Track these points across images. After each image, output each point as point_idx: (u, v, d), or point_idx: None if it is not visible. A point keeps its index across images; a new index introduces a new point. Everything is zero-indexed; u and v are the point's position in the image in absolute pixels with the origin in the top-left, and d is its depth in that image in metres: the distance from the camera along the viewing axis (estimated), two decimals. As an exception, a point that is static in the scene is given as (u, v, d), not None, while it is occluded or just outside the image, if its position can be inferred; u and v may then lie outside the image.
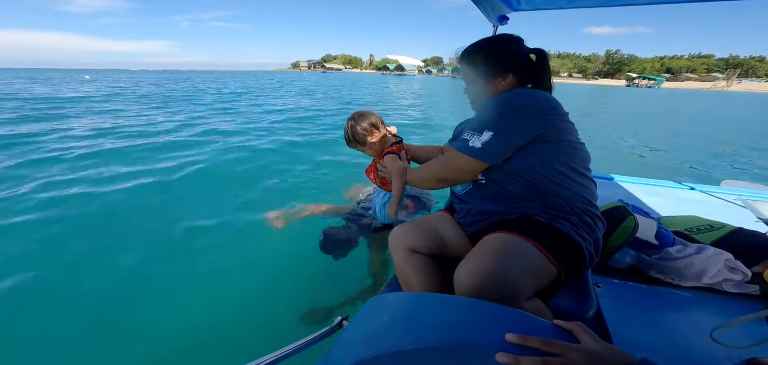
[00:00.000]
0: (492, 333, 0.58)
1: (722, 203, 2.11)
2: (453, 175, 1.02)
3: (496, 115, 0.91)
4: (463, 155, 0.95)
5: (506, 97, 0.92)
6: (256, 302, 1.87)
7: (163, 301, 1.88)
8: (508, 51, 1.01)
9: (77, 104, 10.79)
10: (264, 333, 1.63)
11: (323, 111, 10.71)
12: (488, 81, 1.01)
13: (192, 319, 1.73)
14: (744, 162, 5.72)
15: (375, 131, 1.42)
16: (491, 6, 1.82)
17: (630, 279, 1.17)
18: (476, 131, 0.93)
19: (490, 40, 1.06)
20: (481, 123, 0.93)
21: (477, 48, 1.04)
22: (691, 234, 1.30)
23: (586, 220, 0.92)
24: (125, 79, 33.10)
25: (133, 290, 1.95)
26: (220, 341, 1.60)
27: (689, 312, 1.03)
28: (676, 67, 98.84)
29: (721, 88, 75.03)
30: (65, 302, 1.84)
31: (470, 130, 0.96)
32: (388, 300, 0.73)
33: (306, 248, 2.27)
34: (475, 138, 0.93)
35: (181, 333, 1.65)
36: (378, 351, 0.57)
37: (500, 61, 1.00)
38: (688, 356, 0.87)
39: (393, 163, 1.35)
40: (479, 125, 0.94)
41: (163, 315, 1.78)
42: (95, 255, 2.25)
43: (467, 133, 0.96)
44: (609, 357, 0.53)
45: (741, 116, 14.76)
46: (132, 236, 2.51)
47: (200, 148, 5.17)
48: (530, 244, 0.83)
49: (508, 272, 0.76)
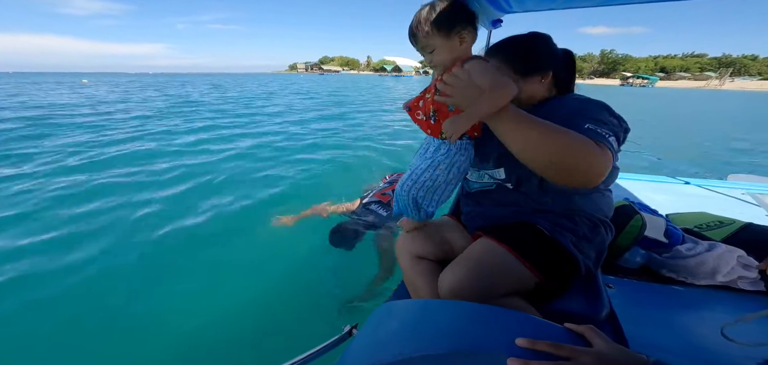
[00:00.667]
0: (502, 337, 0.58)
1: (730, 198, 2.07)
2: (581, 164, 0.70)
3: (609, 116, 0.80)
4: (606, 150, 0.73)
5: (597, 102, 0.83)
6: (264, 306, 1.86)
7: (171, 307, 1.86)
8: (549, 48, 0.95)
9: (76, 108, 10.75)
10: (273, 338, 1.62)
11: (326, 111, 10.81)
12: (527, 79, 0.92)
13: (201, 325, 1.72)
14: (742, 155, 5.75)
15: (471, 29, 0.83)
16: (483, 12, 1.80)
17: (641, 278, 1.14)
18: (590, 121, 0.76)
19: (528, 38, 0.95)
20: (582, 111, 0.80)
21: (518, 43, 0.95)
22: (701, 231, 1.28)
23: (595, 231, 0.91)
24: (124, 82, 33.05)
25: (138, 293, 1.94)
26: (229, 348, 1.58)
27: (703, 310, 1.00)
28: (670, 67, 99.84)
29: (714, 87, 75.90)
30: (72, 303, 1.83)
31: (596, 121, 0.76)
32: (396, 307, 0.72)
33: (312, 250, 2.33)
34: (604, 130, 0.75)
35: (189, 339, 1.63)
36: (387, 360, 0.56)
37: (540, 58, 0.93)
38: (705, 355, 0.84)
39: (492, 71, 0.78)
40: (581, 112, 0.79)
41: (171, 321, 1.76)
42: (95, 257, 2.24)
43: (592, 123, 0.75)
44: (622, 359, 0.52)
45: (728, 113, 14.97)
46: (135, 238, 2.50)
47: (201, 153, 5.17)
48: (507, 252, 0.83)
49: (481, 276, 0.80)
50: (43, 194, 3.24)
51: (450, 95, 0.78)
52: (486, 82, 0.74)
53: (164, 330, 1.68)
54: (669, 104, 20.23)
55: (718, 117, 12.05)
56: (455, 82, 0.77)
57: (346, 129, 7.47)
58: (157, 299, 1.90)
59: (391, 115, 10.36)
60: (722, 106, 17.23)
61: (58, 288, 1.92)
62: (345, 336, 0.93)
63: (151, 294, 1.94)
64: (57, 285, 1.95)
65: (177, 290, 1.97)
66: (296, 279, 2.08)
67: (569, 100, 0.88)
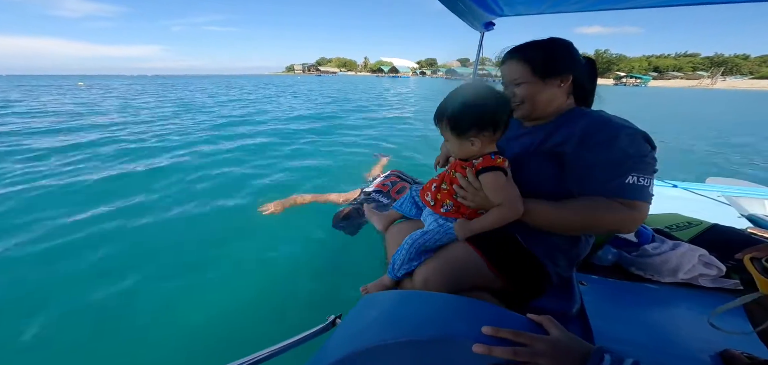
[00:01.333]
0: (470, 326, 0.64)
1: (706, 200, 2.14)
2: (611, 227, 0.84)
3: (648, 148, 0.83)
4: (640, 204, 0.81)
5: (634, 132, 0.82)
6: (253, 296, 1.89)
7: (156, 298, 1.87)
8: (570, 53, 0.94)
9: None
10: (261, 327, 1.65)
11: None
12: (547, 81, 0.92)
13: (188, 313, 1.75)
14: (723, 158, 5.89)
15: (484, 134, 0.88)
16: (474, 16, 1.83)
17: (612, 276, 1.21)
18: (635, 171, 0.80)
19: (549, 41, 0.95)
20: (627, 158, 0.80)
21: (538, 46, 0.94)
22: (670, 231, 1.35)
23: (573, 242, 0.95)
24: (118, 85, 32.55)
25: (122, 289, 1.93)
26: (216, 335, 1.61)
27: (667, 307, 1.07)
28: (663, 66, 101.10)
29: (706, 86, 76.92)
30: (61, 301, 1.83)
31: (634, 172, 0.80)
32: (377, 297, 0.78)
33: (307, 239, 2.37)
34: (645, 179, 0.80)
35: (175, 327, 1.65)
36: (365, 345, 0.61)
37: (562, 62, 0.92)
38: (665, 348, 0.90)
39: (506, 187, 0.86)
40: (627, 159, 0.80)
41: (157, 311, 1.77)
42: (87, 253, 2.24)
43: (634, 176, 0.80)
44: (572, 346, 0.59)
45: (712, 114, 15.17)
46: (120, 235, 2.50)
47: (196, 146, 5.19)
48: (477, 254, 0.90)
49: (452, 272, 0.88)
50: (28, 194, 3.24)
51: (464, 197, 0.91)
52: (497, 198, 0.86)
53: (150, 325, 1.69)
54: (658, 105, 20.44)
55: (702, 119, 12.25)
56: (468, 188, 0.89)
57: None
58: (141, 294, 1.91)
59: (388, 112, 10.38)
60: (712, 109, 17.44)
61: (52, 290, 1.93)
62: (329, 326, 0.96)
63: (133, 290, 1.94)
64: (52, 286, 1.97)
65: (162, 283, 1.98)
66: (289, 271, 2.11)
67: (594, 122, 0.86)
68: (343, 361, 0.61)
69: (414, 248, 0.92)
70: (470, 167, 0.89)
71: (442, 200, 0.96)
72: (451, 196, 0.94)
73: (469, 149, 0.89)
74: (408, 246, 0.93)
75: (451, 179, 0.95)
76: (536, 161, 0.91)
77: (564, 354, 0.58)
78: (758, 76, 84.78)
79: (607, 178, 0.81)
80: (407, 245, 0.93)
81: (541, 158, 0.90)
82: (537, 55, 0.92)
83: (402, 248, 0.94)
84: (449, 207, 0.95)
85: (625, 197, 0.80)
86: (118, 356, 1.52)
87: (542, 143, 0.91)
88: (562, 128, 0.90)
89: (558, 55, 0.93)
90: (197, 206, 3.03)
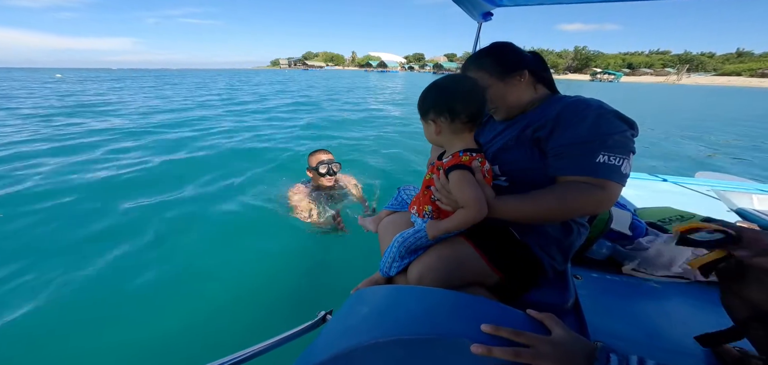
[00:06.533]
0: (467, 324, 0.60)
1: (696, 194, 2.18)
2: (584, 210, 0.84)
3: (621, 124, 0.81)
4: (618, 185, 0.81)
5: (607, 111, 0.82)
6: (241, 292, 1.85)
7: (143, 294, 1.81)
8: (514, 49, 1.00)
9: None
10: (249, 323, 1.62)
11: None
12: (506, 81, 0.97)
13: (175, 310, 1.70)
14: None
15: (442, 119, 0.87)
16: (473, 4, 1.79)
17: (607, 270, 1.21)
18: (605, 150, 0.79)
19: (492, 45, 1.02)
20: (597, 136, 0.80)
21: (485, 52, 1.00)
22: (663, 225, 1.35)
23: (566, 233, 0.94)
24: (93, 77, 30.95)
25: (112, 284, 1.88)
26: (204, 332, 1.58)
27: (660, 301, 1.08)
28: (636, 63, 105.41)
29: (673, 81, 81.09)
30: (47, 295, 1.77)
31: (604, 151, 0.79)
32: (367, 293, 0.74)
33: (298, 233, 2.30)
34: (618, 158, 0.79)
35: (162, 324, 1.61)
36: (356, 344, 0.57)
37: (511, 59, 0.97)
38: (658, 343, 0.90)
39: (468, 188, 0.81)
40: (597, 137, 0.80)
41: (144, 308, 1.72)
42: (66, 246, 2.21)
43: (604, 155, 0.79)
44: (576, 347, 0.57)
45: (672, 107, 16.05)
46: (130, 234, 2.40)
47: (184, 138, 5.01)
48: (472, 248, 0.88)
49: (447, 267, 0.85)
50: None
51: (439, 199, 0.88)
52: (462, 198, 0.81)
53: (136, 321, 1.65)
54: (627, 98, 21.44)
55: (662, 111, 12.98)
56: (439, 187, 0.87)
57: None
58: (128, 290, 1.85)
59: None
60: (679, 103, 18.46)
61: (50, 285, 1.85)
62: (319, 322, 0.92)
63: (123, 285, 1.88)
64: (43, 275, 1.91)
65: (150, 278, 1.93)
66: (279, 267, 2.07)
67: (569, 105, 0.87)
68: (332, 360, 0.57)
69: (403, 247, 0.91)
70: (441, 166, 0.87)
71: (423, 204, 0.95)
72: (429, 199, 0.93)
73: (432, 135, 0.90)
74: (397, 245, 0.91)
75: (427, 181, 0.94)
76: (519, 151, 0.92)
77: (568, 354, 0.55)
78: (721, 72, 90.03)
79: (578, 157, 0.81)
80: (397, 244, 0.92)
81: (523, 147, 0.91)
82: (487, 60, 0.98)
83: (391, 246, 0.93)
84: (429, 211, 0.93)
85: (596, 176, 0.79)
86: (104, 354, 1.47)
87: (522, 132, 0.92)
88: (540, 114, 0.91)
89: (504, 54, 0.98)
90: (185, 203, 2.94)
